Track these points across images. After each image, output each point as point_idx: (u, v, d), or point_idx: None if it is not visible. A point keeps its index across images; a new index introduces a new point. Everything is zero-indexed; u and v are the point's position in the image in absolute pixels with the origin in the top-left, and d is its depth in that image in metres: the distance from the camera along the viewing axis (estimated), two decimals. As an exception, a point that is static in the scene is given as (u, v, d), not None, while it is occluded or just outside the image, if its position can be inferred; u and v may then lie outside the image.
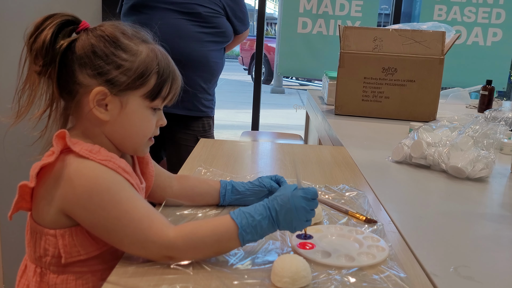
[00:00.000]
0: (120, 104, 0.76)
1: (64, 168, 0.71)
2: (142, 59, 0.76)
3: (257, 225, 0.71)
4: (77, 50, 0.75)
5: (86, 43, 0.75)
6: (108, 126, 0.77)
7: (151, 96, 0.78)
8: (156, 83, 0.78)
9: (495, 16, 3.49)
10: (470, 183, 1.19)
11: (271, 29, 15.07)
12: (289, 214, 0.71)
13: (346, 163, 1.34)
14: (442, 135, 1.30)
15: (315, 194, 0.73)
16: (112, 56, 0.75)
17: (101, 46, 0.75)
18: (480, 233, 0.91)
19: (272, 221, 0.71)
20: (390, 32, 1.96)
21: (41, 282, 0.77)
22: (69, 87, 0.76)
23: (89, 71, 0.74)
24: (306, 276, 0.66)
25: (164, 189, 0.94)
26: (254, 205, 0.74)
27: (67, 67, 0.75)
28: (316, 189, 0.74)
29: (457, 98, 2.68)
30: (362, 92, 1.98)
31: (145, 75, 0.76)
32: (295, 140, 3.04)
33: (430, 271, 0.73)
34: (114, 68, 0.75)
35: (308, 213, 0.73)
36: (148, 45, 0.79)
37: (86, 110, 0.76)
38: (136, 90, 0.77)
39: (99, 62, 0.74)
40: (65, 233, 0.74)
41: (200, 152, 1.38)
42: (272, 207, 0.72)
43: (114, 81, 0.75)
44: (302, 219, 0.72)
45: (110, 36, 0.75)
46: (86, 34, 0.76)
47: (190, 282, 0.66)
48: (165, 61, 0.80)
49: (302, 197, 0.72)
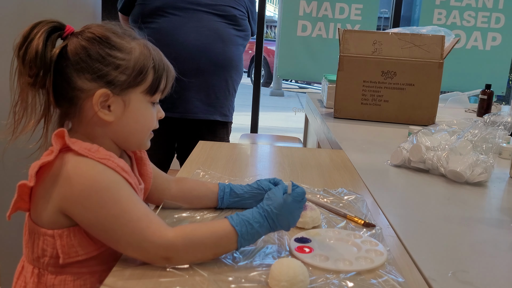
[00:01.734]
0: (123, 103, 0.77)
1: (62, 166, 0.71)
2: (137, 56, 0.77)
3: (255, 233, 0.74)
4: (71, 56, 0.73)
5: (78, 47, 0.74)
6: (112, 126, 0.77)
7: (151, 91, 0.79)
8: (154, 78, 0.78)
9: (495, 21, 3.50)
10: (468, 187, 1.19)
11: (270, 32, 15.08)
12: (285, 219, 0.76)
13: (345, 167, 1.34)
14: (441, 139, 1.30)
15: (303, 194, 0.78)
16: (109, 57, 0.74)
17: (96, 48, 0.74)
18: (478, 237, 0.91)
19: (269, 229, 0.75)
20: (389, 36, 1.97)
21: (38, 283, 0.77)
22: (67, 94, 0.75)
23: (87, 75, 0.74)
24: (303, 280, 0.65)
25: (162, 191, 0.93)
26: (250, 211, 0.75)
27: (62, 74, 0.74)
28: (303, 189, 0.79)
29: (456, 102, 2.69)
30: (361, 95, 1.98)
31: (143, 71, 0.77)
32: (294, 143, 3.04)
33: (428, 275, 0.72)
34: (112, 69, 0.74)
35: (300, 210, 0.79)
36: (138, 41, 0.79)
37: (90, 114, 0.75)
38: (136, 87, 0.77)
39: (96, 65, 0.73)
40: (63, 233, 0.74)
41: (199, 155, 1.38)
42: (269, 216, 0.74)
43: (114, 81, 0.75)
44: (296, 218, 0.78)
45: (102, 37, 0.75)
46: (76, 38, 0.74)
47: (187, 285, 0.66)
48: (158, 54, 0.80)
49: (294, 201, 0.77)
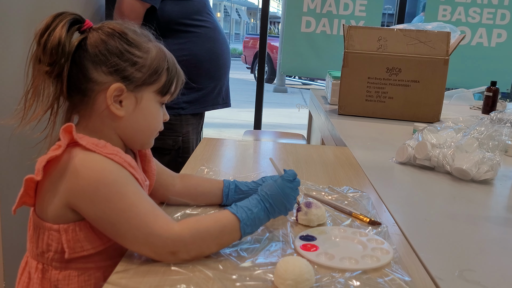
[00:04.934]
0: (135, 100, 0.78)
1: (70, 160, 0.71)
2: (153, 56, 0.79)
3: (255, 217, 0.75)
4: (90, 48, 0.75)
5: (98, 40, 0.75)
6: (121, 122, 0.78)
7: (162, 91, 0.81)
8: (166, 79, 0.81)
9: (500, 17, 3.48)
10: (474, 185, 1.18)
11: (274, 28, 15.06)
12: (280, 200, 0.78)
13: (349, 164, 1.33)
14: (447, 137, 1.29)
15: (294, 175, 0.81)
16: (127, 53, 0.76)
17: (115, 43, 0.76)
18: (485, 236, 0.90)
19: (267, 212, 0.76)
20: (394, 32, 1.95)
21: (43, 279, 0.77)
22: (81, 85, 0.76)
23: (104, 68, 0.75)
24: (309, 279, 0.65)
25: (167, 187, 0.93)
26: (247, 199, 0.78)
27: (79, 65, 0.75)
28: (293, 170, 0.82)
29: (461, 99, 2.67)
30: (365, 92, 1.97)
31: (158, 71, 0.79)
32: (297, 139, 3.03)
33: (435, 274, 0.72)
34: (130, 65, 0.76)
35: (294, 191, 0.80)
36: (154, 43, 0.81)
37: (101, 107, 0.76)
38: (149, 86, 0.79)
39: (114, 59, 0.75)
40: (68, 228, 0.74)
41: (203, 151, 1.37)
42: (265, 199, 0.77)
43: (130, 77, 0.77)
44: (292, 199, 0.80)
45: (121, 33, 0.77)
46: (96, 32, 0.76)
47: (192, 283, 0.65)
48: (171, 58, 0.83)
49: (285, 181, 0.79)
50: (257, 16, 27.95)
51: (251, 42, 11.61)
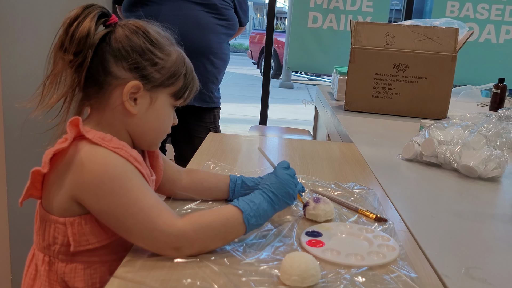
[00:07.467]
0: (150, 100, 0.79)
1: (76, 153, 0.71)
2: (173, 59, 0.80)
3: (258, 208, 0.75)
4: (114, 43, 0.76)
5: (123, 36, 0.76)
6: (133, 119, 0.79)
7: (177, 95, 0.82)
8: (183, 84, 0.82)
9: (509, 13, 3.44)
10: (482, 182, 1.18)
11: (280, 23, 15.02)
12: (282, 188, 0.79)
13: (355, 160, 1.32)
14: (454, 134, 1.28)
15: (287, 163, 0.85)
16: (149, 53, 0.77)
17: (139, 41, 0.77)
18: (492, 234, 0.90)
19: (271, 202, 0.77)
20: (402, 28, 1.94)
21: (50, 271, 0.78)
22: (100, 77, 0.77)
23: (125, 64, 0.76)
24: (315, 275, 0.65)
25: (174, 182, 0.93)
26: (249, 194, 0.78)
27: (100, 58, 0.76)
28: (285, 160, 0.86)
29: (468, 96, 2.66)
30: (372, 88, 1.96)
31: (176, 75, 0.81)
32: (303, 135, 3.02)
33: (441, 272, 0.72)
34: (150, 65, 0.77)
35: (293, 178, 0.82)
36: (175, 47, 0.82)
37: (116, 102, 0.77)
38: (166, 88, 0.80)
39: (136, 57, 0.76)
40: (74, 221, 0.74)
41: (209, 146, 1.37)
42: (267, 190, 0.78)
43: (149, 77, 0.78)
44: (292, 186, 0.81)
45: (145, 33, 0.78)
46: (121, 28, 0.77)
47: (197, 278, 0.65)
48: (190, 65, 0.84)
49: (281, 169, 0.82)
50: (263, 11, 27.89)
51: (258, 37, 11.57)
